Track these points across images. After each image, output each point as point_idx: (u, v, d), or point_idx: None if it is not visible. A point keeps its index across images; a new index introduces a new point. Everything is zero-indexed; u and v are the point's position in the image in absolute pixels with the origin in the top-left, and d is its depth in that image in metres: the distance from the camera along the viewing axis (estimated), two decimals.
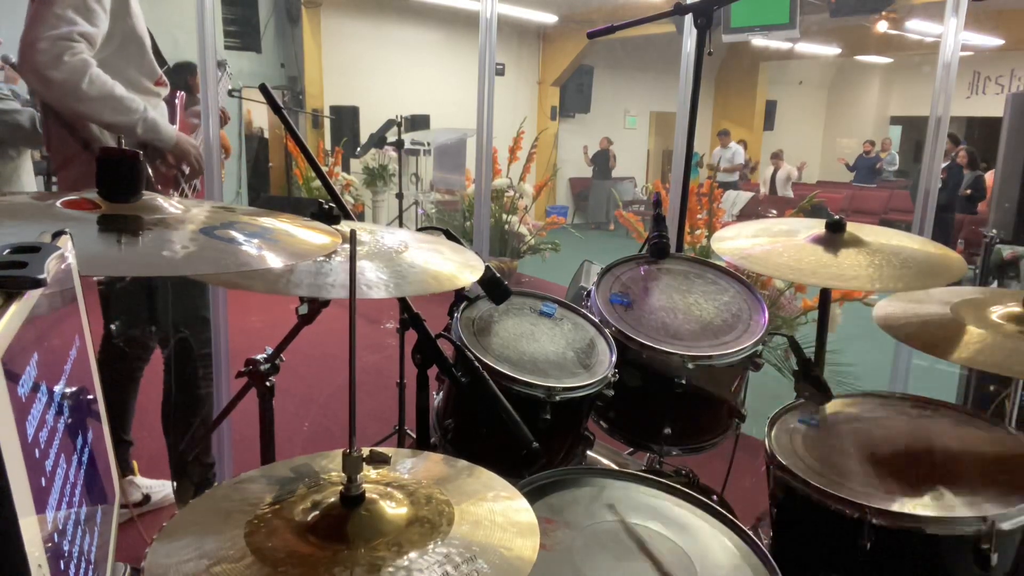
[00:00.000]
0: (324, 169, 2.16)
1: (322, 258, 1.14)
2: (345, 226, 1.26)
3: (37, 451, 0.56)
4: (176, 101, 2.40)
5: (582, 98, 12.80)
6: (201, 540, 0.79)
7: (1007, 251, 2.63)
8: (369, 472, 0.90)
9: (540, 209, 10.37)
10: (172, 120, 2.35)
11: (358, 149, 7.97)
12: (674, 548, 1.11)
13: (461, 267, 1.28)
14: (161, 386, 2.42)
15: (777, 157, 12.13)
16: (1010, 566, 1.28)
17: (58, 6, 1.93)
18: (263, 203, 8.01)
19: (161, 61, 2.35)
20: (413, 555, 0.77)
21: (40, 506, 0.55)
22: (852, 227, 1.69)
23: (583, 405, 1.56)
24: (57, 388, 0.65)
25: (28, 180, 3.25)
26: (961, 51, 2.37)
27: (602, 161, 12.52)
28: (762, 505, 1.60)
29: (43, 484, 0.57)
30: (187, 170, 2.25)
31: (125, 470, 2.58)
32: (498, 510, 0.87)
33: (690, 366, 1.63)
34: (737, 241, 1.78)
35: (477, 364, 1.30)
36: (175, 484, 2.50)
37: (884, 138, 14.16)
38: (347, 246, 1.02)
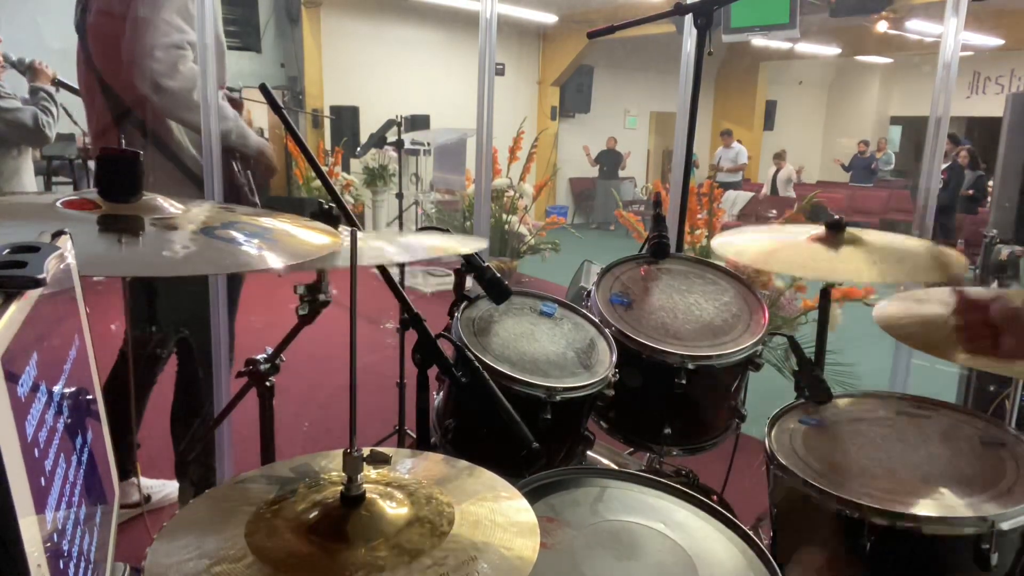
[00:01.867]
0: (324, 169, 2.17)
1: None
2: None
3: (36, 451, 0.56)
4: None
5: (582, 98, 12.78)
6: (201, 540, 0.79)
7: (1005, 251, 2.63)
8: (369, 472, 0.90)
9: (540, 209, 10.36)
10: None
11: (358, 149, 7.96)
12: (674, 548, 1.11)
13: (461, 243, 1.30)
14: (163, 388, 2.42)
15: (780, 157, 12.12)
16: (1010, 566, 1.28)
17: (166, 12, 1.94)
18: (263, 203, 8.00)
19: None
20: (413, 555, 0.77)
21: (40, 506, 0.55)
22: (851, 230, 1.69)
23: (583, 405, 1.56)
24: (56, 388, 0.65)
25: (29, 180, 3.26)
26: (961, 51, 2.36)
27: (609, 160, 12.43)
28: (762, 505, 1.60)
29: (43, 484, 0.57)
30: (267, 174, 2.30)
31: (129, 472, 2.58)
32: (498, 510, 0.87)
33: (690, 366, 1.63)
34: (737, 243, 1.78)
35: (477, 364, 1.30)
36: (180, 485, 2.50)
37: (880, 138, 14.15)
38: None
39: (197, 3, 2.13)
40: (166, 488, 2.64)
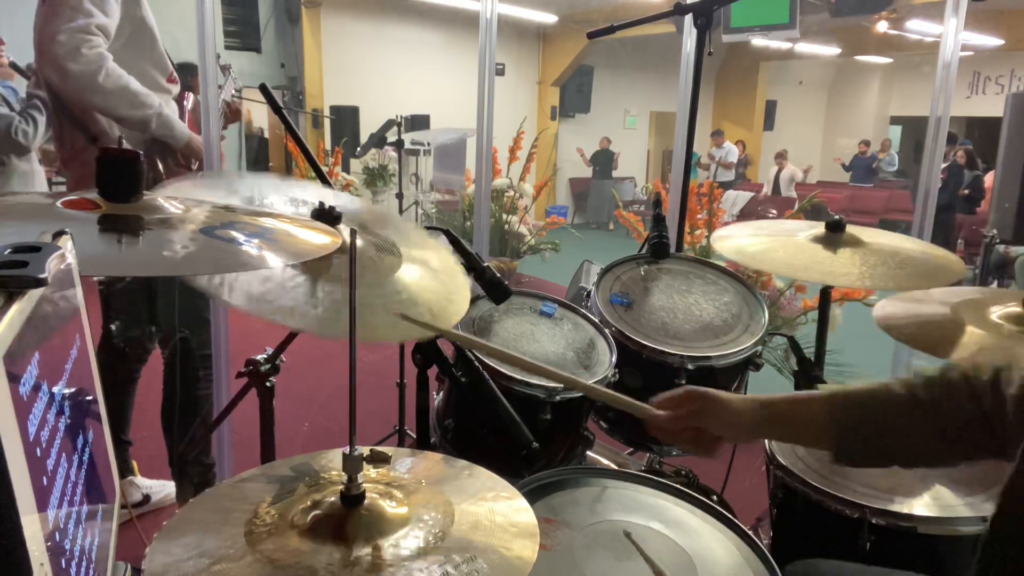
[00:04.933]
0: (324, 169, 2.16)
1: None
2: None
3: (39, 450, 0.56)
4: (184, 102, 2.40)
5: (582, 98, 12.79)
6: (201, 539, 0.79)
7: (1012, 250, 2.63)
8: (369, 471, 0.90)
9: (540, 209, 10.36)
10: (180, 119, 2.35)
11: (358, 149, 7.97)
12: (674, 548, 1.11)
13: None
14: (160, 387, 2.42)
15: (781, 157, 12.13)
16: None
17: None
18: None
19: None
20: (413, 555, 0.77)
21: (42, 505, 0.55)
22: (852, 229, 1.69)
23: (583, 405, 1.56)
24: (58, 388, 0.65)
25: (40, 180, 3.30)
26: (961, 51, 2.37)
27: (603, 160, 12.48)
28: (762, 505, 1.60)
29: (44, 483, 0.57)
30: (195, 167, 2.26)
31: (125, 471, 2.58)
32: (498, 510, 0.87)
33: (690, 366, 1.63)
34: (737, 240, 1.78)
35: (477, 364, 1.30)
36: (177, 485, 2.50)
37: (884, 139, 14.14)
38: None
39: (197, 8, 2.13)
40: (166, 488, 2.65)
